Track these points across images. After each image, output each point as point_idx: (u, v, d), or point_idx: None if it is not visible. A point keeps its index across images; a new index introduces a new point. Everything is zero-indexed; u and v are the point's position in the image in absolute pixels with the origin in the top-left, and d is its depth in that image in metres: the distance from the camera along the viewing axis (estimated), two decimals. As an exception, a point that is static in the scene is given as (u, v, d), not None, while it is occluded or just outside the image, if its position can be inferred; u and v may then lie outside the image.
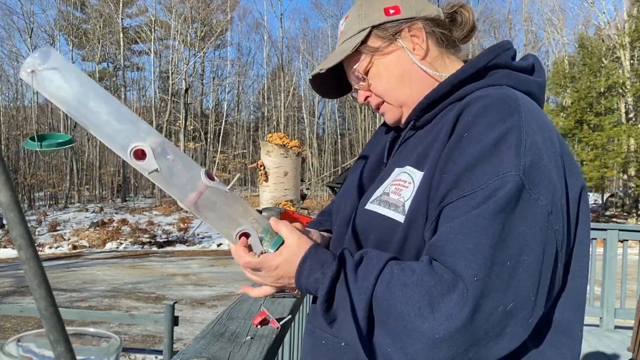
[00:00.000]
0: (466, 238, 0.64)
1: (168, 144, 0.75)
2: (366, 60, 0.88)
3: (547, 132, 0.73)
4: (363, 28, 0.88)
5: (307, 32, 43.62)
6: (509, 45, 0.86)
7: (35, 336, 0.39)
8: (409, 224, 0.75)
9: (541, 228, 0.66)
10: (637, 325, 2.83)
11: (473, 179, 0.68)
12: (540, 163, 0.68)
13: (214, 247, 18.03)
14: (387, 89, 0.89)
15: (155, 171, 0.72)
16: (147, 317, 5.43)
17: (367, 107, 33.25)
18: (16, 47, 31.31)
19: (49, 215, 22.71)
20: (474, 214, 0.65)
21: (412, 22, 0.87)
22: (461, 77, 0.82)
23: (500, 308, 0.62)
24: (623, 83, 22.35)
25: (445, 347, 0.61)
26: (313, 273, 0.74)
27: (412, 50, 0.87)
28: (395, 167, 0.84)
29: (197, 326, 7.20)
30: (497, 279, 0.62)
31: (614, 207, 24.06)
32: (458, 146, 0.72)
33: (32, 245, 0.23)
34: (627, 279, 4.66)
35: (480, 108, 0.73)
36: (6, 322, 7.46)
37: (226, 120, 35.09)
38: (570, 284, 0.76)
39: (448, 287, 0.63)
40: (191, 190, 0.75)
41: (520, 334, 0.66)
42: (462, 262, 0.63)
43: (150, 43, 32.05)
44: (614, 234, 4.53)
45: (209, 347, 1.09)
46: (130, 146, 0.71)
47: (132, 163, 0.72)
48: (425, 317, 0.62)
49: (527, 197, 0.65)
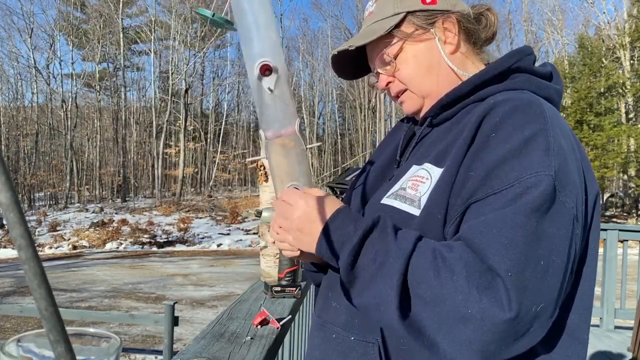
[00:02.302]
0: (500, 232, 0.63)
1: (286, 77, 0.80)
2: (397, 45, 0.88)
3: (569, 138, 0.74)
4: (398, 12, 0.87)
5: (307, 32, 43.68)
6: (530, 50, 0.87)
7: (35, 336, 0.39)
8: (424, 219, 0.75)
9: (568, 231, 0.66)
10: (637, 326, 2.83)
11: (502, 177, 0.68)
12: (567, 167, 0.69)
13: (214, 247, 18.02)
14: (414, 77, 0.88)
15: (269, 90, 0.78)
16: (147, 317, 5.43)
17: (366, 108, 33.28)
18: (16, 47, 31.31)
19: (49, 216, 22.71)
20: (509, 211, 0.65)
21: (447, 14, 0.87)
22: (484, 78, 0.82)
23: (534, 308, 0.62)
24: (623, 83, 22.33)
25: (471, 326, 0.60)
26: (344, 226, 0.74)
27: (444, 42, 0.87)
28: (412, 164, 0.85)
29: (197, 326, 7.20)
30: (532, 278, 0.62)
31: (614, 207, 24.04)
32: (485, 146, 0.72)
33: (32, 246, 0.23)
34: (627, 279, 4.66)
35: (507, 110, 0.73)
36: (6, 322, 7.45)
37: (226, 121, 35.07)
38: (580, 288, 0.76)
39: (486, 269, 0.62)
40: (279, 128, 0.80)
41: (539, 334, 0.65)
42: (496, 255, 0.62)
43: (150, 43, 32.04)
44: (614, 234, 4.53)
45: (209, 348, 1.09)
46: (260, 59, 0.77)
47: (253, 74, 0.78)
48: (457, 291, 0.61)
49: (557, 199, 0.65)
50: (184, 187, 29.34)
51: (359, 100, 33.81)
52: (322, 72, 36.76)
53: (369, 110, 32.89)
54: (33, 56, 30.16)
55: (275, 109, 0.79)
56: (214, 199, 27.55)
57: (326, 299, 0.90)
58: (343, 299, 0.81)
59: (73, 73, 31.82)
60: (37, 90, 31.25)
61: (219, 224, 21.59)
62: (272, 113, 0.79)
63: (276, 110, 0.79)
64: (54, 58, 30.79)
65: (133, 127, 33.46)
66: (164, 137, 29.30)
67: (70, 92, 30.60)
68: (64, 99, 30.17)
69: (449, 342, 0.63)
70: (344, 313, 0.84)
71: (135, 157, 33.07)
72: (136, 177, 32.33)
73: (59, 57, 30.97)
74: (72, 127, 29.38)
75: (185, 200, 27.25)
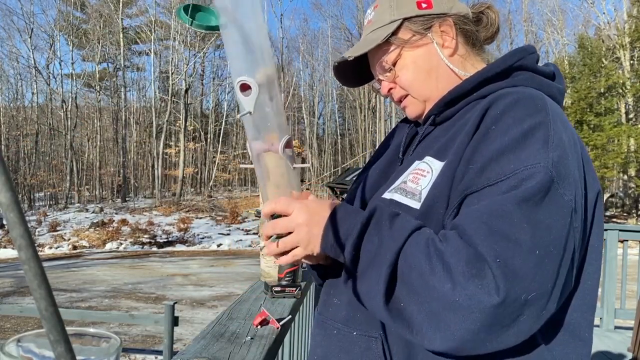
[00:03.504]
0: (490, 220, 0.64)
1: (271, 90, 0.77)
2: (395, 52, 0.89)
3: (570, 132, 0.74)
4: (394, 19, 0.88)
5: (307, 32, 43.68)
6: (533, 49, 0.87)
7: (35, 336, 0.39)
8: (425, 212, 0.75)
9: (565, 223, 0.66)
10: (637, 326, 2.82)
11: (498, 169, 0.68)
12: (566, 160, 0.68)
13: (214, 248, 18.02)
14: (413, 82, 0.89)
15: (248, 113, 0.76)
16: (147, 317, 5.43)
17: (366, 108, 33.29)
18: (16, 47, 31.32)
19: (49, 216, 22.70)
20: (500, 199, 0.65)
21: (444, 18, 0.88)
22: (486, 75, 0.83)
23: (523, 296, 0.61)
24: (623, 83, 22.33)
25: (460, 315, 0.61)
26: (347, 219, 0.74)
27: (442, 46, 0.88)
28: (415, 160, 0.85)
29: (197, 326, 7.20)
30: (523, 265, 0.61)
31: (614, 207, 24.04)
32: (485, 138, 0.72)
33: (32, 246, 0.23)
34: (627, 279, 4.66)
35: (508, 103, 0.74)
36: (6, 323, 7.45)
37: (226, 121, 35.07)
38: (582, 286, 0.76)
39: (474, 257, 0.62)
40: (264, 144, 0.79)
41: (530, 326, 0.64)
42: (485, 242, 0.62)
43: (150, 43, 32.05)
44: (614, 234, 4.53)
45: (209, 348, 1.09)
46: (239, 78, 0.75)
47: (236, 92, 0.76)
48: (446, 279, 0.61)
49: (554, 191, 0.65)
50: (184, 187, 29.34)
51: (359, 100, 33.82)
52: (322, 72, 36.80)
53: (369, 110, 32.90)
54: (33, 56, 30.20)
55: (262, 123, 0.78)
56: (214, 199, 27.55)
57: (328, 296, 0.90)
58: (344, 295, 0.81)
59: (73, 73, 31.88)
60: (37, 91, 31.28)
61: (219, 224, 21.59)
62: (256, 128, 0.78)
63: (260, 126, 0.78)
64: (54, 58, 30.83)
65: (133, 127, 33.47)
66: (164, 137, 29.30)
67: (70, 92, 30.63)
68: (64, 99, 30.18)
69: (438, 330, 0.63)
70: (345, 309, 0.83)
71: (135, 157, 33.08)
72: (136, 177, 32.33)
73: (59, 57, 31.00)
74: (72, 127, 29.39)
75: (185, 200, 27.25)
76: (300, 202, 0.79)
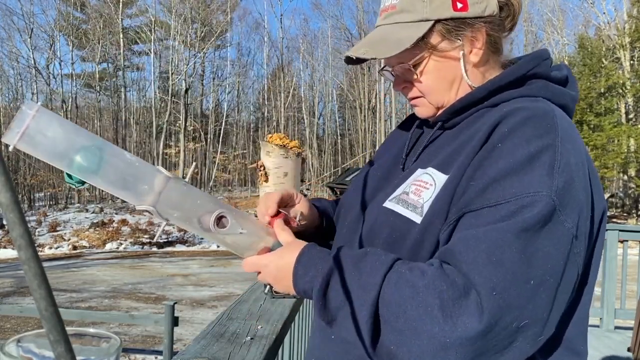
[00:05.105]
0: (489, 249, 0.63)
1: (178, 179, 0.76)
2: (421, 56, 0.82)
3: (579, 153, 0.72)
4: (427, 18, 0.80)
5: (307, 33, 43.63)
6: (547, 54, 0.85)
7: (35, 336, 0.39)
8: (426, 227, 0.74)
9: (565, 251, 0.65)
10: (637, 326, 2.82)
11: (500, 191, 0.67)
12: (572, 185, 0.67)
13: (214, 248, 18.01)
14: (433, 90, 0.84)
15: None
16: (147, 317, 5.43)
17: (366, 108, 33.29)
18: (16, 48, 31.29)
19: (49, 216, 22.70)
20: (500, 227, 0.64)
21: (477, 27, 0.81)
22: (499, 84, 0.81)
23: (514, 324, 0.62)
24: (623, 83, 22.33)
25: (453, 352, 0.61)
26: (308, 271, 0.73)
27: (469, 53, 0.82)
28: (418, 168, 0.83)
29: (197, 327, 7.20)
30: (518, 296, 0.62)
31: (614, 207, 24.04)
32: (490, 156, 0.71)
33: (32, 246, 0.23)
34: (627, 279, 4.66)
35: (517, 121, 0.72)
36: (6, 323, 7.45)
37: (226, 121, 35.07)
38: (580, 301, 0.77)
39: (460, 293, 0.62)
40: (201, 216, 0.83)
41: (526, 349, 0.65)
42: (481, 272, 0.62)
43: (150, 43, 32.06)
44: (614, 234, 4.53)
45: (209, 348, 1.09)
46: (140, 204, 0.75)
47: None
48: (435, 320, 0.61)
49: (555, 219, 0.65)
50: (184, 188, 29.24)
51: (359, 100, 33.82)
52: (322, 73, 36.79)
53: (369, 110, 32.90)
54: (33, 56, 30.16)
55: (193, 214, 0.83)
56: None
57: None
58: None
59: (73, 73, 31.90)
60: (37, 91, 31.24)
61: (219, 224, 21.56)
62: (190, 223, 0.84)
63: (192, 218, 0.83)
64: (54, 58, 30.80)
65: (133, 127, 33.47)
66: (164, 137, 29.31)
67: (70, 93, 30.65)
68: (64, 99, 30.18)
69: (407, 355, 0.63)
70: None
71: (135, 158, 33.01)
72: (136, 177, 32.27)
73: (59, 57, 30.98)
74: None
75: (185, 200, 27.17)
76: (266, 259, 0.79)
